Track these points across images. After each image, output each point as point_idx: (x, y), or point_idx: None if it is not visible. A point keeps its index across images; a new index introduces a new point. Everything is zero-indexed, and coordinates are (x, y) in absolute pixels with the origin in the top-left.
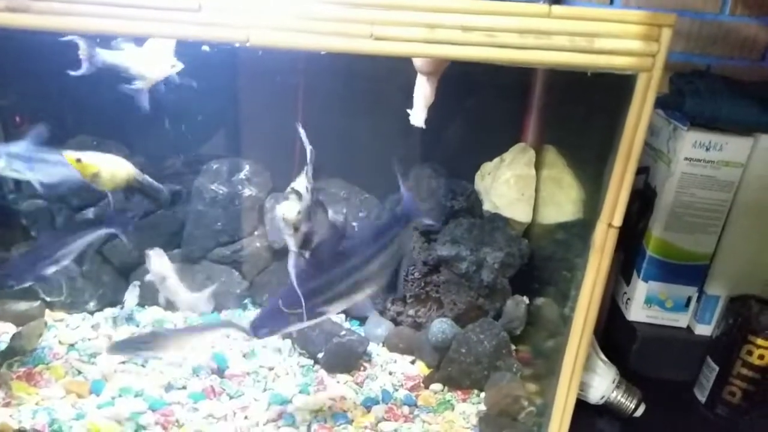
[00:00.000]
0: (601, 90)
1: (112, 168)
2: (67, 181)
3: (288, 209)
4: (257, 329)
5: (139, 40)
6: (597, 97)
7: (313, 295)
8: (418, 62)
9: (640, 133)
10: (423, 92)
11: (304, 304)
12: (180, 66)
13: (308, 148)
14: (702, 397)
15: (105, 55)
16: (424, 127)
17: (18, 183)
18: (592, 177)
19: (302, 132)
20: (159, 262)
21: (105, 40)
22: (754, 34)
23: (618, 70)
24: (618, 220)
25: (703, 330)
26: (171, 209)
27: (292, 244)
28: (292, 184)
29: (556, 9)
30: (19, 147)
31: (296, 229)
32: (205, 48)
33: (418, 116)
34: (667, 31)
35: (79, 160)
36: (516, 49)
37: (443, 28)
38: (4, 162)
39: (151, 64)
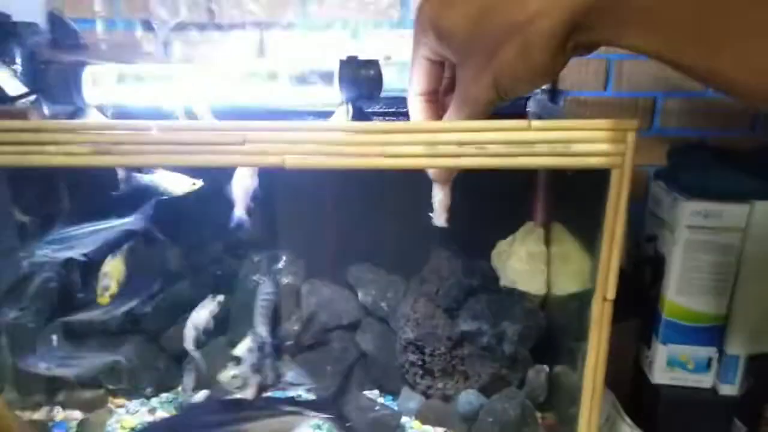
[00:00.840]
0: (593, 174)
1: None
2: (103, 245)
3: (225, 375)
4: None
5: None
6: (591, 180)
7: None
8: (431, 174)
9: (619, 218)
10: (440, 198)
11: None
12: (199, 183)
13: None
14: None
15: (138, 177)
16: (447, 226)
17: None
18: (593, 250)
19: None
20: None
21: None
22: (740, 108)
23: (593, 168)
24: (611, 294)
25: (728, 390)
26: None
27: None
28: (234, 351)
29: (535, 123)
30: (52, 235)
31: (243, 384)
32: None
33: (439, 218)
34: (631, 134)
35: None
36: (504, 157)
37: (442, 145)
38: (46, 251)
39: (176, 185)
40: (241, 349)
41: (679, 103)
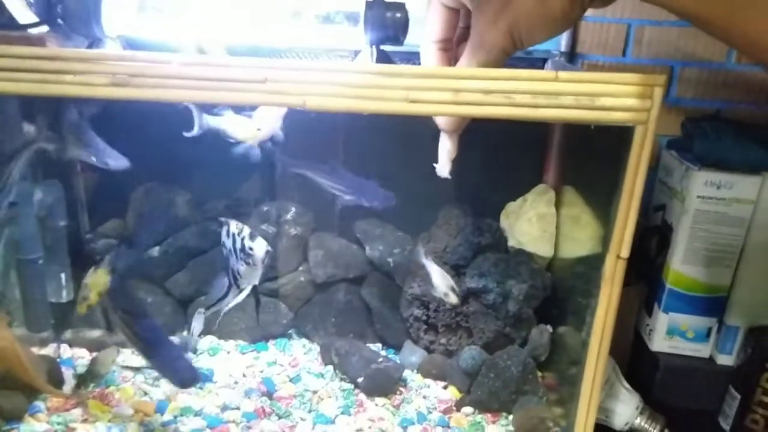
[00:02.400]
0: (612, 136)
1: None
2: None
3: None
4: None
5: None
6: (609, 143)
7: None
8: (440, 122)
9: (640, 176)
10: (446, 148)
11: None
12: (264, 132)
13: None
14: (726, 425)
15: (210, 120)
16: (449, 177)
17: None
18: (607, 215)
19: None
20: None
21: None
22: (760, 80)
23: (618, 124)
24: (625, 252)
25: (725, 360)
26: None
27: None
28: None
29: (562, 74)
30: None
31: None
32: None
33: (443, 169)
34: (659, 90)
35: None
36: (529, 108)
37: (467, 92)
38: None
39: (241, 129)
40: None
41: (697, 73)
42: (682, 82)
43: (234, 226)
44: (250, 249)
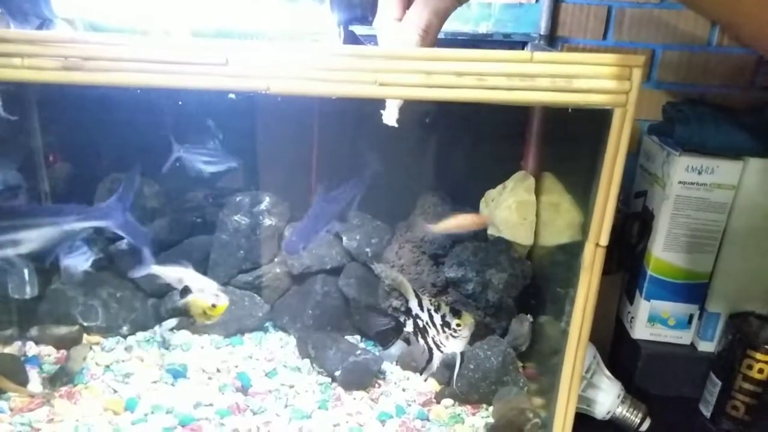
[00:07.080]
0: (591, 121)
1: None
2: None
3: None
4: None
5: None
6: (588, 128)
7: None
8: None
9: (619, 161)
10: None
11: None
12: None
13: None
14: (707, 412)
15: None
16: (396, 126)
17: None
18: (587, 201)
19: None
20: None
21: None
22: (741, 62)
23: (595, 106)
24: (604, 240)
25: (706, 346)
26: None
27: None
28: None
29: (537, 55)
30: None
31: None
32: (232, 96)
33: (390, 116)
34: (637, 71)
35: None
36: (504, 91)
37: (439, 74)
38: None
39: None
40: None
41: (679, 56)
42: (664, 65)
43: (428, 301)
44: (458, 326)
